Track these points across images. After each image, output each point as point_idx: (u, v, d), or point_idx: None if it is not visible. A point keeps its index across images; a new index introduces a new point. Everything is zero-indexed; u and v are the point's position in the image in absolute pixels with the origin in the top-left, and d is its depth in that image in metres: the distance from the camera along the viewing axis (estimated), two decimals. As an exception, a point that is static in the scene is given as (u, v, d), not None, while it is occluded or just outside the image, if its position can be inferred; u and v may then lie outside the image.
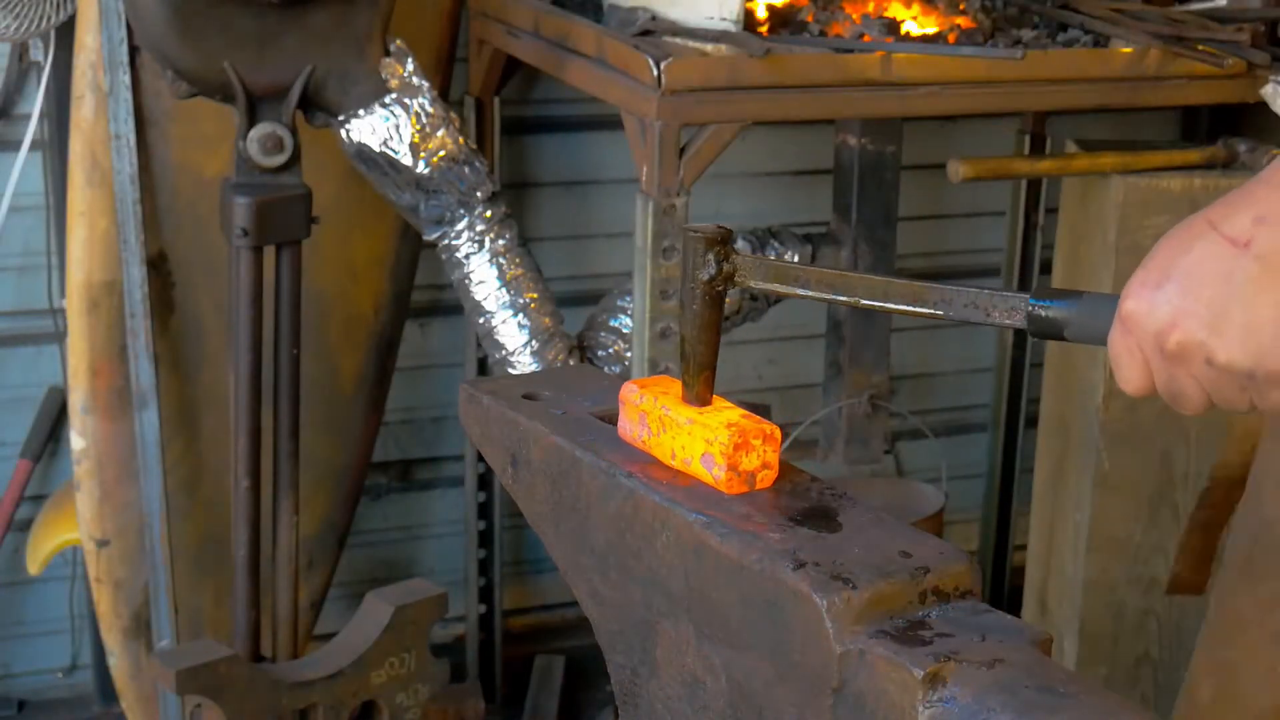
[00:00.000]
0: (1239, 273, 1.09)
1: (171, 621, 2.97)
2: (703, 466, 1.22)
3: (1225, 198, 1.13)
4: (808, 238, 3.04)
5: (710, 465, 1.21)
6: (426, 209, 2.74)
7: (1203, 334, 1.10)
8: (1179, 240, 1.13)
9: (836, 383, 3.18)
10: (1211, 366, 1.11)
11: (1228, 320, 1.09)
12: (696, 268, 1.24)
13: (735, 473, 1.20)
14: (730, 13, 2.58)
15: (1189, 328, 1.11)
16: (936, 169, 2.99)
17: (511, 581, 3.68)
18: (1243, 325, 1.09)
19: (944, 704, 1.00)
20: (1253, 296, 1.08)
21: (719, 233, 1.25)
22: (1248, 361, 1.09)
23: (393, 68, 2.67)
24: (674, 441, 1.24)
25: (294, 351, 2.73)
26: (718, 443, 1.20)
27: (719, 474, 1.20)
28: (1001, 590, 3.74)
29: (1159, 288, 1.12)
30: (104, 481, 2.99)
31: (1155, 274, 1.13)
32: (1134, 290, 1.14)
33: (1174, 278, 1.12)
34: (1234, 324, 1.09)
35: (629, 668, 1.26)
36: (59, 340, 3.19)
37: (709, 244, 1.24)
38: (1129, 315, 1.14)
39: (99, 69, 2.83)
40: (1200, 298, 1.10)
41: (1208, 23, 2.90)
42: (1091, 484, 3.04)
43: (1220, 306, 1.09)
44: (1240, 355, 1.09)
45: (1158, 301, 1.12)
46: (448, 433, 3.59)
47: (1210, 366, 1.11)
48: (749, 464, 1.21)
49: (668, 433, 1.24)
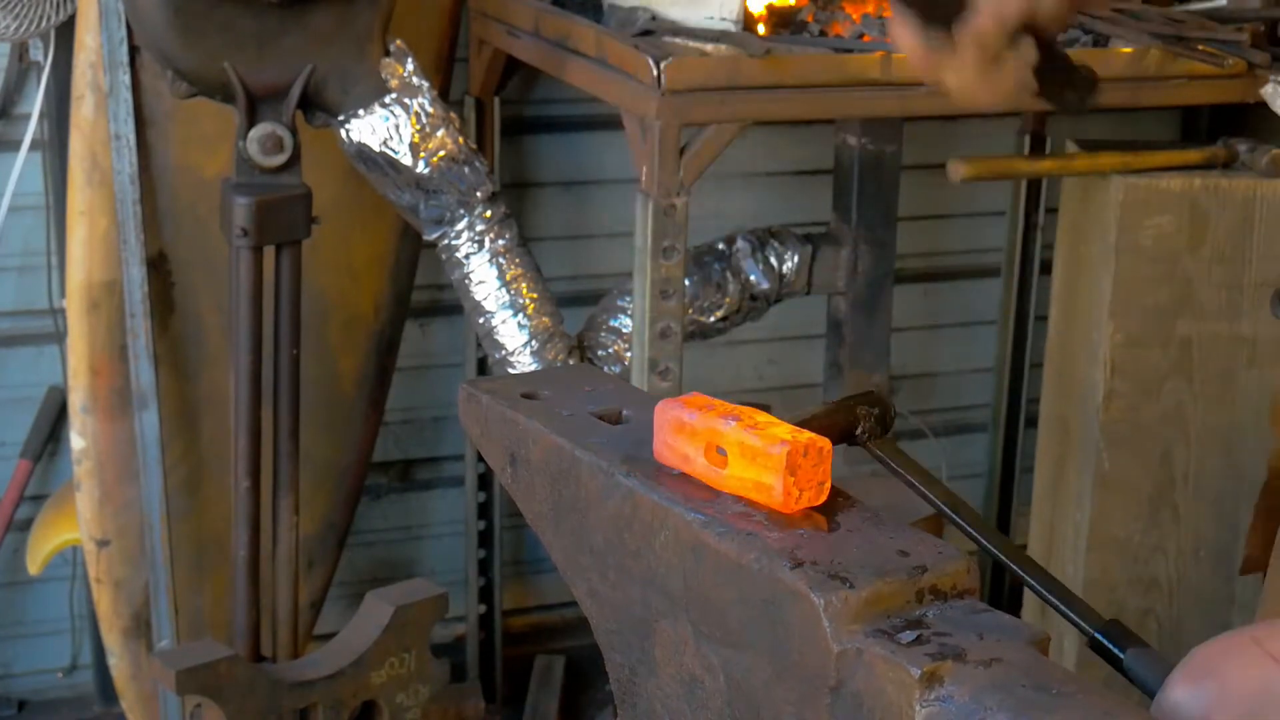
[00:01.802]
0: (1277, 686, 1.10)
1: (171, 621, 2.98)
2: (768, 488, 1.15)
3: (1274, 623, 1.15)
4: (808, 238, 3.04)
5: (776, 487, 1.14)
6: (426, 209, 2.74)
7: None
8: (1222, 646, 1.15)
9: (836, 383, 3.18)
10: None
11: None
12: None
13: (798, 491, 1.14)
14: (730, 13, 2.58)
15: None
16: (936, 169, 2.99)
17: (511, 581, 3.68)
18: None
19: (941, 703, 1.00)
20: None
21: None
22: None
23: (393, 68, 2.67)
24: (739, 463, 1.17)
25: (294, 351, 2.73)
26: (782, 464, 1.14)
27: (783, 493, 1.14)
28: (1001, 590, 3.74)
29: (1198, 684, 1.13)
30: (104, 481, 3.00)
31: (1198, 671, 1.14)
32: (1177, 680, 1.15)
33: (1215, 676, 1.13)
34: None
35: (627, 667, 1.27)
36: (59, 340, 3.19)
37: None
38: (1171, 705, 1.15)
39: (99, 69, 2.83)
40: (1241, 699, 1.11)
41: (1208, 23, 2.90)
42: (1091, 484, 3.04)
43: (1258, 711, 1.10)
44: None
45: (1197, 695, 1.13)
46: (448, 433, 3.59)
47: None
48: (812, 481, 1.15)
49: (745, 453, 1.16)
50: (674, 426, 1.21)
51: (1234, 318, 2.99)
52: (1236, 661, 1.13)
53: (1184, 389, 3.01)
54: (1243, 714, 1.11)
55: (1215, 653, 1.15)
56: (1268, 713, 1.10)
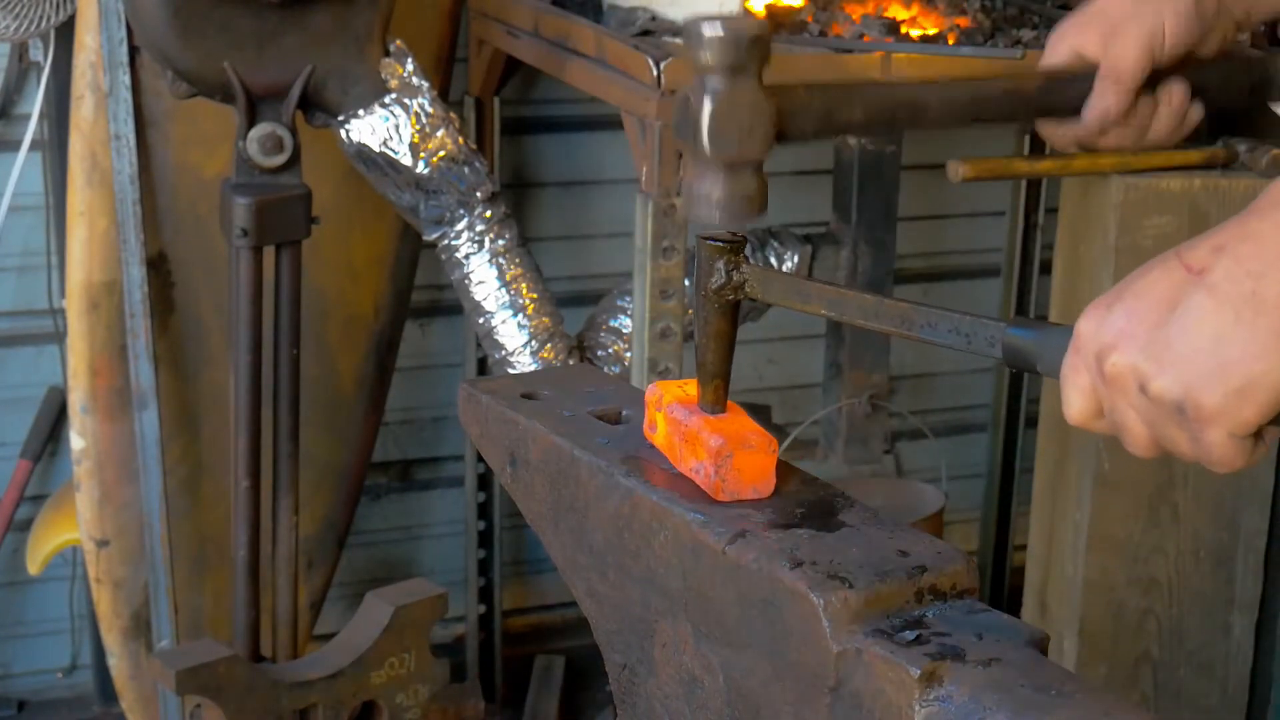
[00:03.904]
0: (1186, 300, 1.04)
1: (171, 621, 2.98)
2: (698, 472, 1.21)
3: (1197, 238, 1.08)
4: (808, 238, 3.04)
5: (702, 473, 1.21)
6: (426, 209, 2.74)
7: (1139, 358, 1.05)
8: (1146, 265, 1.08)
9: (836, 383, 3.18)
10: (1145, 395, 1.05)
11: (1165, 347, 1.04)
12: (706, 276, 1.23)
13: (724, 482, 1.19)
14: (730, 13, 2.58)
15: (1127, 350, 1.06)
16: (936, 169, 2.99)
17: (511, 581, 3.68)
18: (1178, 354, 1.03)
19: (940, 703, 1.00)
20: (1193, 325, 1.03)
21: (731, 241, 1.23)
22: (1177, 392, 1.04)
23: (392, 68, 2.67)
24: (681, 446, 1.23)
25: (294, 351, 2.73)
26: (711, 452, 1.20)
27: (711, 482, 1.20)
28: (1001, 590, 3.74)
29: (1110, 307, 1.08)
30: (104, 481, 3.00)
31: (1112, 294, 1.09)
32: (1089, 309, 1.09)
33: (1125, 298, 1.07)
34: (1171, 351, 1.04)
35: (627, 667, 1.27)
36: (59, 340, 3.19)
37: (719, 253, 1.23)
38: (1078, 334, 1.09)
39: (99, 69, 2.83)
40: (1144, 320, 1.05)
41: (1207, 23, 2.90)
42: (1091, 484, 3.04)
43: (1161, 332, 1.04)
44: (1171, 385, 1.04)
45: (1105, 321, 1.08)
46: (448, 433, 3.59)
47: (1144, 395, 1.06)
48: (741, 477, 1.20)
49: (678, 437, 1.24)
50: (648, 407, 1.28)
51: (1234, 318, 2.98)
52: (1151, 278, 1.07)
53: (1184, 389, 3.01)
54: (1149, 342, 1.05)
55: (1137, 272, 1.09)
56: (1172, 333, 1.04)
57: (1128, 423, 1.09)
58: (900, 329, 1.19)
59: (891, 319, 1.19)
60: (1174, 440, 1.07)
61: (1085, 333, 1.09)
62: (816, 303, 1.23)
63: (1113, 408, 1.09)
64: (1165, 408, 1.05)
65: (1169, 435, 1.07)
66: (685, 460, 1.23)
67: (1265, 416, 1.03)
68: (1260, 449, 1.06)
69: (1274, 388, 1.01)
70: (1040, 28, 2.90)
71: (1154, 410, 1.06)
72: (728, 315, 1.24)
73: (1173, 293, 1.05)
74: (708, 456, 1.20)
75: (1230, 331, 1.01)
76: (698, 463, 1.21)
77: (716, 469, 1.19)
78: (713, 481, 1.19)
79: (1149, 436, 1.09)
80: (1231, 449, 1.05)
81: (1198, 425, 1.05)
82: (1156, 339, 1.05)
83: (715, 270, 1.23)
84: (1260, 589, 3.18)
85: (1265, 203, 1.04)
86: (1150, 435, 1.09)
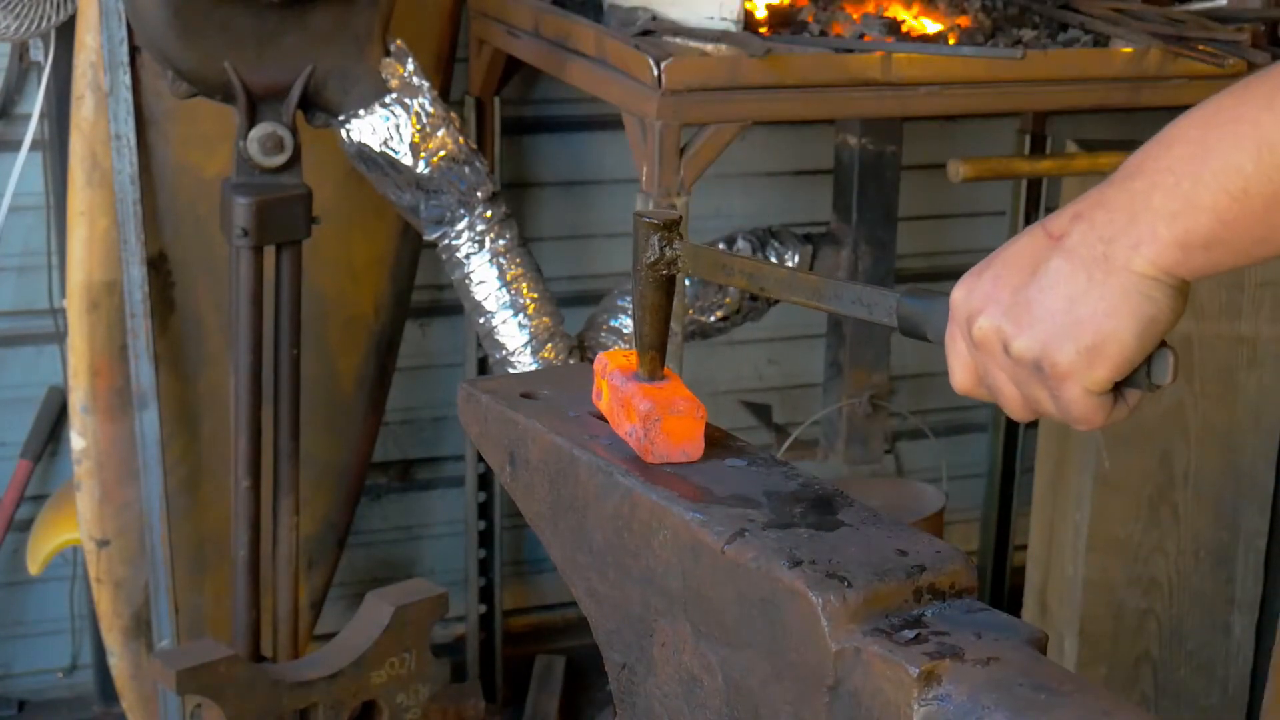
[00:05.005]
0: (1045, 263, 1.09)
1: (171, 621, 2.98)
2: (631, 435, 1.28)
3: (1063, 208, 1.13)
4: (808, 238, 3.04)
5: (635, 435, 1.27)
6: (427, 209, 2.74)
7: (1001, 320, 1.10)
8: (1017, 235, 1.14)
9: (836, 383, 3.18)
10: (1009, 356, 1.10)
11: (1024, 308, 1.09)
12: (642, 252, 1.29)
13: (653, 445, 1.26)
14: (730, 13, 2.58)
15: (991, 313, 1.11)
16: (936, 169, 3.00)
17: (511, 581, 3.69)
18: (1036, 314, 1.08)
19: (939, 702, 1.00)
20: (1050, 287, 1.08)
21: (666, 219, 1.29)
22: (1035, 350, 1.09)
23: (393, 68, 2.67)
24: (619, 410, 1.30)
25: (294, 351, 2.73)
26: (641, 416, 1.26)
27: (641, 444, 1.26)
28: (1002, 590, 3.74)
29: (980, 275, 1.13)
30: (104, 481, 3.00)
31: (984, 263, 1.14)
32: (963, 278, 1.14)
33: (994, 265, 1.12)
34: (1029, 313, 1.09)
35: (626, 666, 1.27)
36: (59, 340, 3.19)
37: (653, 229, 1.29)
38: (953, 302, 1.14)
39: (99, 69, 2.83)
40: (1008, 284, 1.10)
41: (1208, 23, 2.90)
42: (1091, 484, 3.04)
43: (1022, 294, 1.09)
44: (1030, 344, 1.09)
45: (974, 287, 1.12)
46: (448, 433, 3.59)
47: (1008, 356, 1.10)
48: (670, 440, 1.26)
49: (615, 403, 1.30)
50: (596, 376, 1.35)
51: (1234, 318, 2.99)
52: (1017, 246, 1.12)
53: (1184, 389, 3.01)
54: (1011, 304, 1.10)
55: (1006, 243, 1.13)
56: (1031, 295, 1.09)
57: (999, 384, 1.14)
58: (811, 300, 1.25)
59: (804, 291, 1.26)
60: (1038, 400, 1.12)
61: (958, 300, 1.14)
62: (739, 276, 1.31)
63: (985, 371, 1.14)
64: (1026, 366, 1.10)
65: (1034, 395, 1.12)
66: (621, 424, 1.29)
67: (1118, 372, 1.09)
68: (1121, 409, 1.12)
69: (1123, 344, 1.07)
70: (1040, 27, 2.90)
71: (1018, 370, 1.11)
72: (662, 289, 1.31)
73: (1035, 258, 1.10)
74: (638, 420, 1.26)
75: (1083, 292, 1.07)
76: (630, 425, 1.28)
77: (645, 432, 1.26)
78: (642, 444, 1.26)
79: (1020, 398, 1.13)
80: (1089, 405, 1.11)
81: (1055, 382, 1.10)
82: (1018, 301, 1.10)
83: (650, 246, 1.29)
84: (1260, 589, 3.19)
85: (1121, 174, 1.10)
86: (1020, 396, 1.13)
